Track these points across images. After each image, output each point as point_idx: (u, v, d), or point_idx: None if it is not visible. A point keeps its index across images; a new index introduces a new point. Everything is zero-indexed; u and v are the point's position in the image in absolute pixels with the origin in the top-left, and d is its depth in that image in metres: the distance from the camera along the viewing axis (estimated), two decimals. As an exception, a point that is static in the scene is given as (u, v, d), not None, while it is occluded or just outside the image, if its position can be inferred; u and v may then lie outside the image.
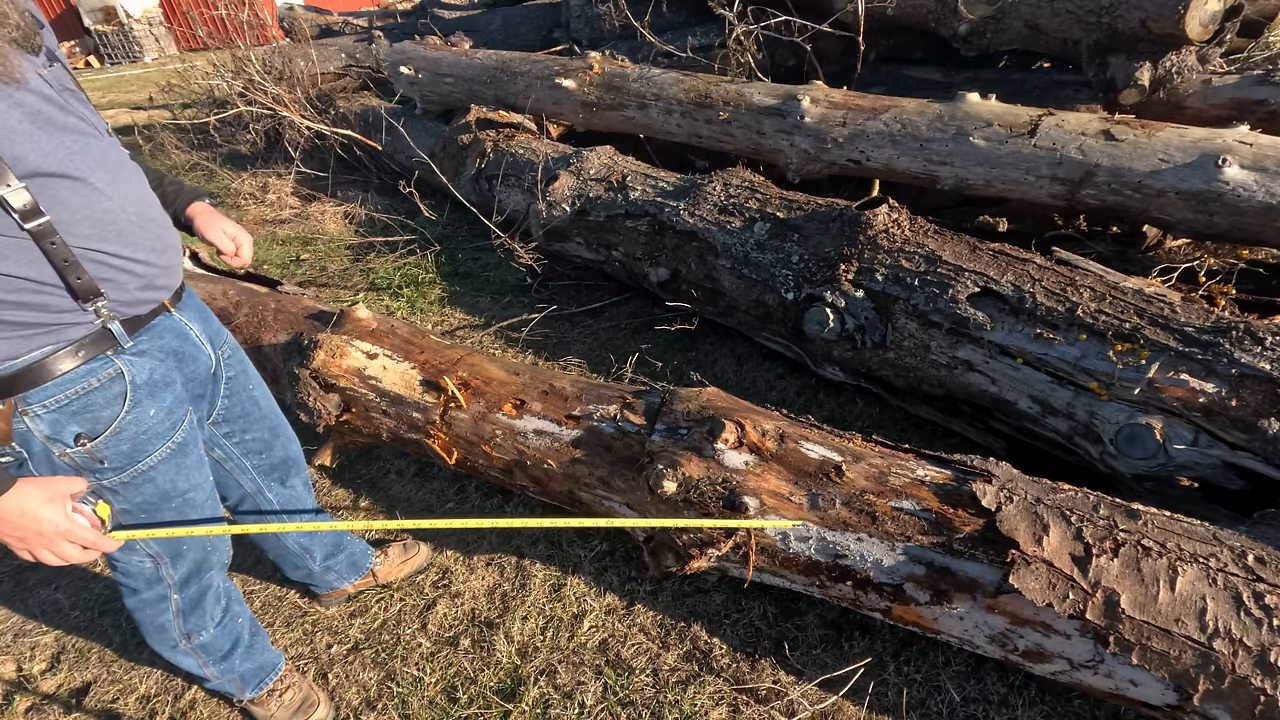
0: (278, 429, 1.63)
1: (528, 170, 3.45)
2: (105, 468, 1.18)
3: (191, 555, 1.40)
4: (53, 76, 1.07)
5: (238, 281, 2.53)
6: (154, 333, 1.23)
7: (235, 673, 1.60)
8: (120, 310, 1.15)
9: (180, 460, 1.28)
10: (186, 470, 1.30)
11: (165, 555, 1.37)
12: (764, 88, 3.11)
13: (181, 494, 1.30)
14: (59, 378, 1.09)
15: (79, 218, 1.05)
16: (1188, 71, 2.78)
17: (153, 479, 1.25)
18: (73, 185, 1.04)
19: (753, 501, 1.55)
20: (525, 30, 5.88)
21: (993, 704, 1.60)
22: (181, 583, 1.42)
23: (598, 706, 1.67)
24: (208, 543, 1.42)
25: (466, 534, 2.17)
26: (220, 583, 1.53)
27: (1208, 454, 1.71)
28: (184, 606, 1.46)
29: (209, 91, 6.80)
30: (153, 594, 1.42)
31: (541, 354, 2.98)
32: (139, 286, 1.17)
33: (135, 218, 1.14)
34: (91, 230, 1.07)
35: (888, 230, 2.27)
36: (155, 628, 1.47)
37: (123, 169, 1.15)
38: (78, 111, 1.09)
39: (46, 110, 1.02)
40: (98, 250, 1.08)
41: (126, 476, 1.21)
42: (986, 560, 1.38)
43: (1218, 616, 1.22)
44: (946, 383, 2.15)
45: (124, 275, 1.13)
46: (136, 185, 1.17)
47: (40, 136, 1.00)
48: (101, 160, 1.09)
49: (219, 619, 1.53)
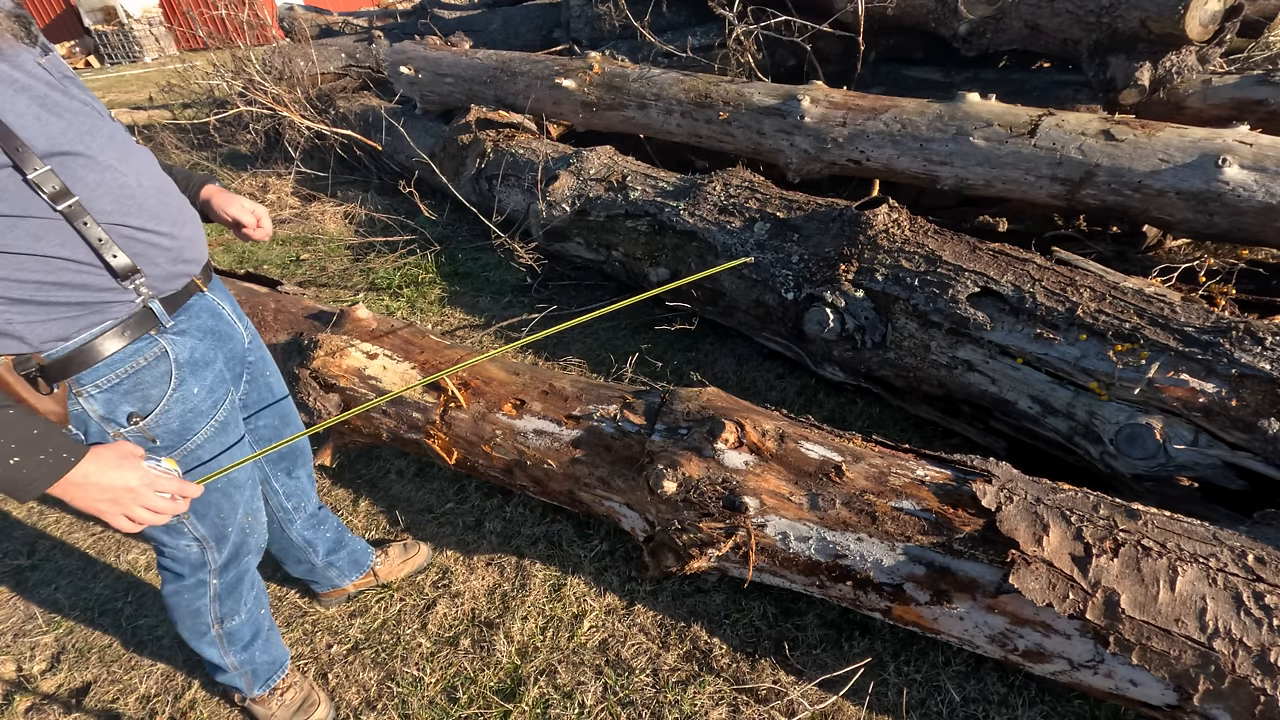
0: (289, 418, 1.65)
1: (528, 170, 3.45)
2: (158, 445, 1.21)
3: (234, 538, 1.43)
4: (50, 64, 1.08)
5: (238, 281, 2.53)
6: (191, 312, 1.26)
7: (253, 663, 1.62)
8: (158, 287, 1.17)
9: (224, 438, 1.31)
10: (230, 448, 1.33)
11: (211, 538, 1.39)
12: (764, 88, 3.11)
13: (226, 474, 1.32)
14: (109, 358, 1.12)
15: (99, 194, 1.06)
16: (1188, 71, 2.78)
17: (200, 457, 1.27)
18: (88, 163, 1.05)
19: (753, 501, 1.55)
20: (525, 30, 5.88)
21: (993, 704, 1.60)
22: (222, 567, 1.45)
23: (598, 706, 1.67)
24: (246, 525, 1.45)
25: (467, 534, 2.17)
26: (254, 570, 1.56)
27: (1208, 454, 1.71)
28: (221, 591, 1.49)
29: (209, 91, 6.81)
30: (194, 579, 1.45)
31: (541, 354, 2.98)
32: (169, 260, 1.18)
33: (153, 190, 1.16)
34: (114, 205, 1.08)
35: (888, 230, 2.27)
36: (190, 613, 1.49)
37: (131, 148, 1.17)
38: (80, 97, 1.11)
39: (51, 95, 1.04)
40: (123, 225, 1.10)
41: (177, 455, 1.23)
42: (986, 560, 1.38)
43: (1218, 616, 1.22)
44: (946, 383, 2.15)
45: (153, 250, 1.15)
46: (148, 162, 1.20)
47: (49, 119, 1.02)
48: (111, 139, 1.11)
49: (249, 605, 1.57)
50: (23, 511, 2.41)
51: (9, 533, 2.34)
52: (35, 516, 2.40)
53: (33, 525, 2.36)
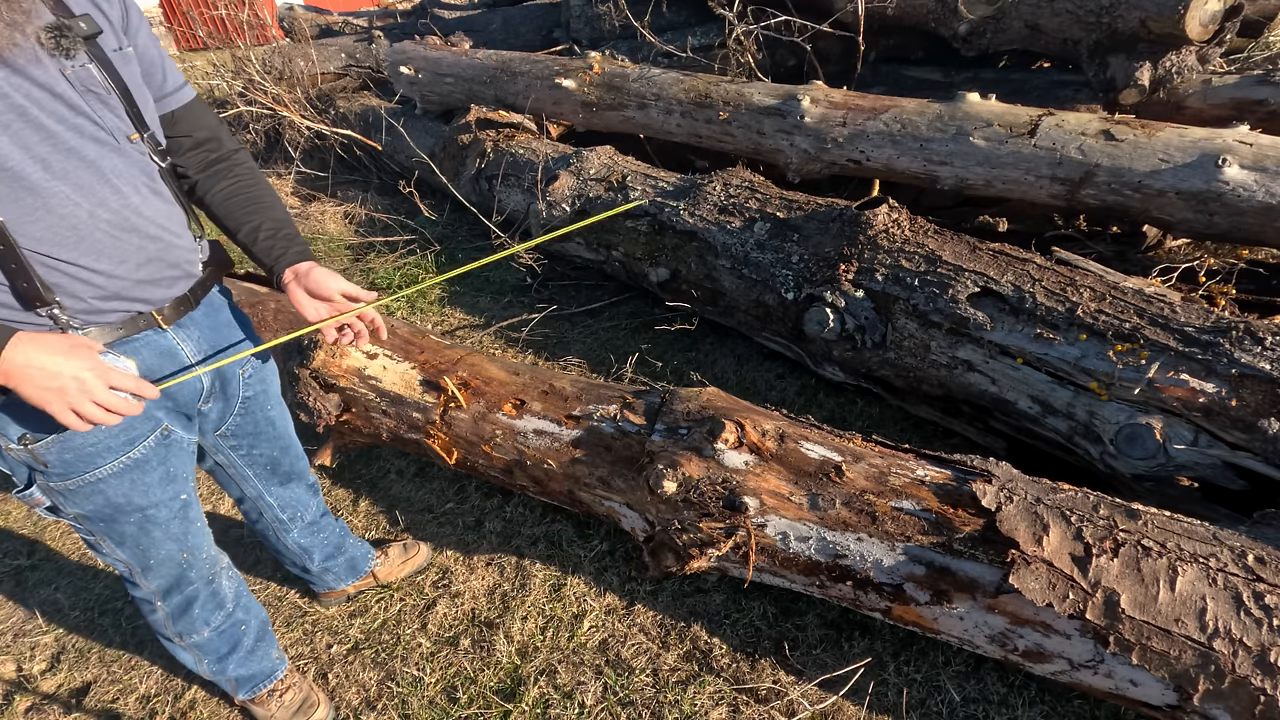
0: (289, 448, 1.63)
1: (528, 170, 3.45)
2: (49, 471, 1.16)
3: (164, 570, 1.38)
4: (77, 75, 1.03)
5: (238, 282, 2.53)
6: (131, 347, 1.17)
7: (229, 675, 1.60)
8: (81, 318, 1.10)
9: (137, 477, 1.24)
10: (145, 488, 1.26)
11: (135, 565, 1.35)
12: (764, 88, 3.11)
13: (140, 510, 1.27)
14: None
15: (32, 219, 1.00)
16: (1188, 71, 2.78)
17: (102, 491, 1.22)
18: (33, 185, 0.99)
19: (753, 501, 1.55)
20: (525, 30, 5.88)
21: (993, 704, 1.60)
22: (162, 593, 1.42)
23: (598, 706, 1.67)
24: (180, 559, 1.39)
25: (467, 534, 2.17)
26: (219, 590, 1.52)
27: (1208, 454, 1.71)
28: (171, 612, 1.46)
29: (209, 91, 6.80)
30: (141, 594, 1.44)
31: (541, 354, 2.98)
32: (98, 296, 1.10)
33: (107, 225, 1.08)
34: (45, 234, 1.02)
35: (888, 230, 2.27)
36: (151, 621, 1.50)
37: (116, 175, 1.09)
38: (91, 113, 1.05)
39: (36, 108, 0.99)
40: (49, 255, 1.03)
41: (72, 484, 1.19)
42: (986, 560, 1.38)
43: (1218, 616, 1.22)
44: (946, 383, 2.15)
45: (78, 284, 1.07)
46: (126, 193, 1.10)
47: (22, 129, 0.97)
48: (86, 164, 1.05)
49: (217, 624, 1.53)
50: (23, 512, 2.41)
51: (9, 533, 2.34)
52: (35, 517, 2.40)
53: (33, 525, 2.36)
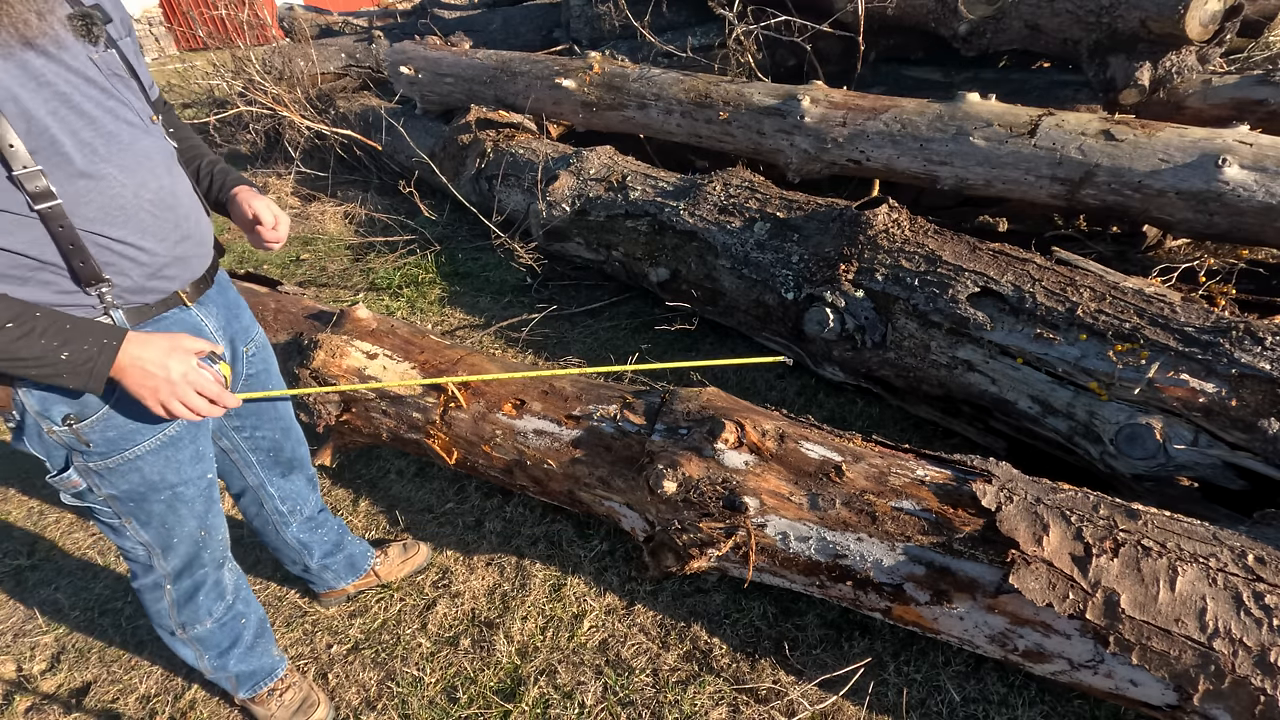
0: (290, 431, 1.65)
1: (528, 170, 3.45)
2: (91, 450, 1.19)
3: (183, 548, 1.40)
4: (104, 60, 1.09)
5: (238, 281, 2.53)
6: (162, 325, 1.23)
7: (229, 671, 1.61)
8: (125, 298, 1.15)
9: (171, 454, 1.28)
10: (178, 465, 1.30)
11: (156, 545, 1.37)
12: (764, 88, 3.11)
13: (171, 487, 1.30)
14: None
15: (84, 200, 1.05)
16: (1188, 71, 2.78)
17: (139, 469, 1.25)
18: (84, 168, 1.04)
19: (753, 501, 1.55)
20: (525, 30, 5.88)
21: (993, 704, 1.60)
22: (174, 575, 1.44)
23: (598, 706, 1.67)
24: (198, 537, 1.42)
25: (467, 534, 2.17)
26: (222, 579, 1.53)
27: (1208, 454, 1.71)
28: (178, 598, 1.47)
29: (209, 91, 6.81)
30: (150, 580, 1.44)
31: (541, 354, 2.98)
32: (144, 274, 1.17)
33: (150, 205, 1.14)
34: (97, 214, 1.07)
35: (888, 230, 2.27)
36: (155, 612, 1.50)
37: (149, 157, 1.15)
38: (121, 97, 1.11)
39: (77, 94, 1.04)
40: (102, 234, 1.09)
41: (112, 462, 1.22)
42: (986, 560, 1.38)
43: (1218, 616, 1.22)
44: (946, 383, 2.15)
45: (127, 262, 1.13)
46: (160, 174, 1.17)
47: (68, 115, 1.02)
48: (125, 147, 1.10)
49: (218, 615, 1.54)
50: (23, 511, 2.41)
51: (9, 533, 2.34)
52: (35, 516, 2.40)
53: (33, 525, 2.36)
